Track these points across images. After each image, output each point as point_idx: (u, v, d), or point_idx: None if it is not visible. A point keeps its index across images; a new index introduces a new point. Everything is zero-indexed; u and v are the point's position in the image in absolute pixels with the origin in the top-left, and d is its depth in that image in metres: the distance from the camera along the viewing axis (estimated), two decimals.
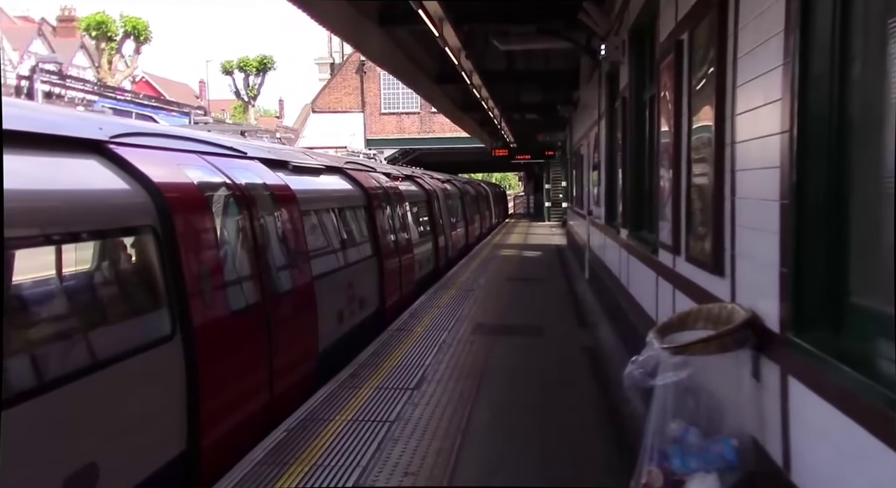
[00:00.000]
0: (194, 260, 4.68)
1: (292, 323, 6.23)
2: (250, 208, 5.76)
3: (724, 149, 3.69)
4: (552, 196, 34.37)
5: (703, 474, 2.90)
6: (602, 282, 10.10)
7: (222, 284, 5.01)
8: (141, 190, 4.39)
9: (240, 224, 5.56)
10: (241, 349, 5.20)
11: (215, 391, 4.65)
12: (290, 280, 6.27)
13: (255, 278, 5.57)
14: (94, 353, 3.79)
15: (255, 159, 6.67)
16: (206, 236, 4.97)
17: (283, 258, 6.23)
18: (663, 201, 5.36)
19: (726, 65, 3.65)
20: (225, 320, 4.94)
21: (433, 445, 4.82)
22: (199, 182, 5.12)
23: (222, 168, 5.67)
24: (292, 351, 6.14)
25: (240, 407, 5.12)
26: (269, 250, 5.96)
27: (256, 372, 5.42)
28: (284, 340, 5.91)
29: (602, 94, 9.99)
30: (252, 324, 5.39)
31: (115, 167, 4.37)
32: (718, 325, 3.20)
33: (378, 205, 10.35)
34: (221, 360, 4.80)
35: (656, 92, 5.77)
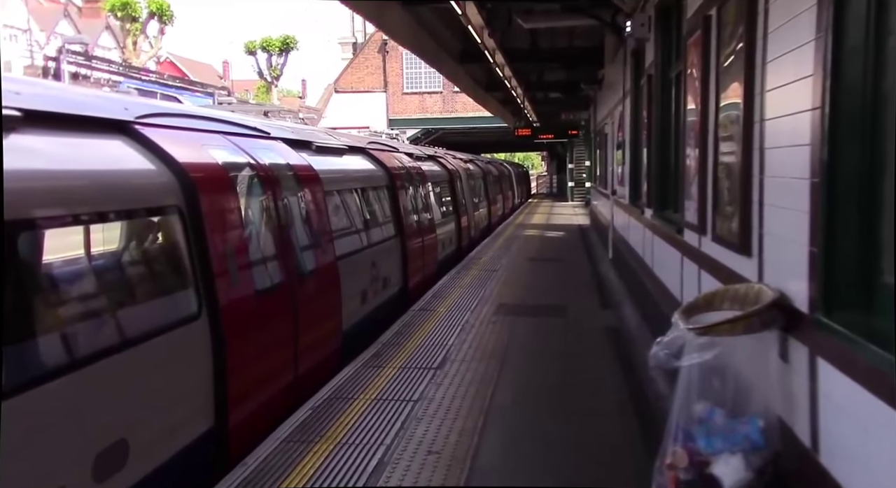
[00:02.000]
0: (219, 240, 4.69)
1: (316, 302, 6.24)
2: (274, 188, 5.77)
3: (752, 126, 3.62)
4: (575, 176, 34.12)
5: (729, 454, 2.88)
6: (626, 263, 10.04)
7: (247, 264, 5.03)
8: (166, 170, 4.40)
9: (264, 204, 5.57)
10: (267, 328, 5.22)
11: (242, 369, 4.70)
12: (313, 260, 6.28)
13: (280, 258, 5.59)
14: (123, 332, 3.82)
15: (278, 139, 6.67)
16: (231, 216, 4.99)
17: (306, 238, 6.24)
18: (689, 180, 5.29)
19: (756, 40, 3.57)
20: (250, 299, 4.97)
21: (456, 425, 4.84)
22: (223, 162, 5.13)
23: (246, 148, 5.68)
24: (316, 330, 6.17)
25: (266, 386, 5.16)
26: (292, 230, 5.96)
27: (282, 350, 5.47)
28: (309, 320, 5.93)
29: (627, 72, 9.85)
30: (277, 303, 5.42)
31: (140, 147, 4.38)
32: (745, 306, 3.16)
33: (401, 185, 10.33)
34: (247, 339, 4.83)
35: (683, 69, 5.67)
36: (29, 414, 3.04)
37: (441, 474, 4.09)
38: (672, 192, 6.61)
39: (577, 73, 16.65)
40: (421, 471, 4.12)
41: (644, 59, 8.31)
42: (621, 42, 9.95)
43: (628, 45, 9.04)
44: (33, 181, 3.41)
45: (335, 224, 7.28)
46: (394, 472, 4.11)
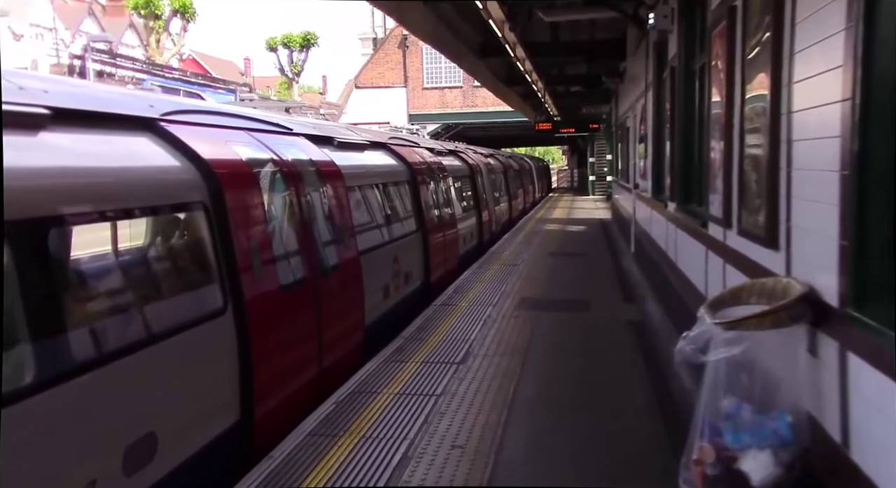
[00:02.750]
0: (244, 235, 4.74)
1: (339, 297, 6.28)
2: (297, 184, 5.80)
3: (779, 118, 3.57)
4: (596, 169, 33.92)
5: (757, 450, 2.85)
6: (648, 257, 9.97)
7: (271, 259, 5.08)
8: (191, 166, 4.44)
9: (287, 200, 5.60)
10: (291, 323, 5.26)
11: (266, 363, 4.74)
12: (336, 255, 6.32)
13: (303, 253, 5.63)
14: (151, 327, 3.89)
15: (300, 135, 6.72)
16: (255, 212, 5.03)
17: (329, 233, 6.28)
18: (714, 173, 5.24)
19: (783, 31, 3.52)
20: (275, 294, 5.01)
21: (480, 419, 4.85)
22: (247, 158, 5.17)
23: (269, 144, 5.71)
24: (340, 325, 6.21)
25: (290, 380, 5.21)
26: (315, 226, 6.00)
27: (305, 345, 5.52)
28: (332, 314, 5.98)
29: (649, 65, 9.76)
30: (300, 298, 5.46)
31: (165, 144, 4.42)
32: (773, 300, 3.13)
33: (422, 180, 10.35)
34: (272, 334, 4.87)
35: (707, 61, 5.61)
36: (61, 409, 3.09)
37: (465, 468, 4.10)
38: (696, 186, 6.54)
39: (599, 66, 16.52)
40: (445, 466, 4.13)
41: (667, 52, 8.23)
42: (644, 34, 9.86)
43: (651, 37, 8.96)
44: (61, 178, 3.47)
45: (357, 219, 7.33)
46: (418, 466, 4.13)
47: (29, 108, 3.39)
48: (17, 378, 2.96)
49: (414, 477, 4.00)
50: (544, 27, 12.90)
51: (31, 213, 3.12)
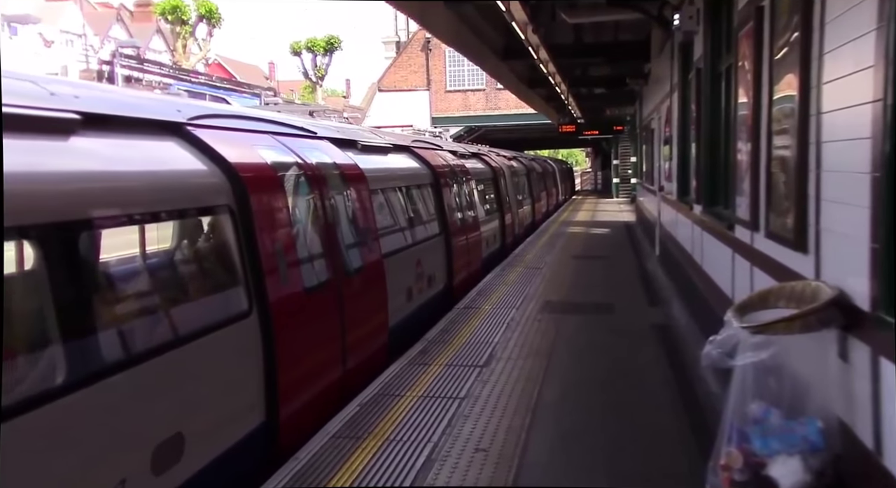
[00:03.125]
0: (269, 238, 4.76)
1: (363, 299, 6.32)
2: (321, 187, 5.85)
3: (808, 119, 3.52)
4: (620, 172, 33.71)
5: (786, 456, 2.81)
6: (674, 260, 9.88)
7: (296, 262, 5.11)
8: (217, 170, 4.49)
9: (311, 203, 5.64)
10: (315, 325, 5.29)
11: (292, 366, 4.77)
12: (360, 258, 6.36)
13: (327, 256, 5.67)
14: (178, 329, 3.94)
15: (324, 139, 6.76)
16: (280, 215, 5.06)
17: (353, 236, 6.33)
18: (741, 175, 5.18)
19: (812, 31, 3.47)
20: (299, 297, 5.04)
21: (503, 422, 4.84)
22: (272, 162, 5.20)
23: (294, 148, 5.75)
24: (364, 327, 6.25)
25: (315, 382, 5.25)
26: (339, 229, 6.05)
27: (330, 347, 5.55)
28: (356, 317, 6.02)
29: (674, 66, 9.68)
30: (325, 301, 5.49)
31: (192, 148, 4.47)
32: (802, 304, 3.08)
33: (445, 183, 10.38)
34: (297, 336, 4.89)
35: (734, 62, 5.55)
36: (93, 408, 3.15)
37: (489, 471, 4.09)
38: (722, 188, 6.47)
39: (623, 67, 16.42)
40: (469, 469, 4.13)
41: (692, 53, 8.16)
42: (668, 35, 9.79)
43: (676, 38, 8.88)
44: (91, 182, 3.52)
45: (381, 222, 7.37)
46: (442, 469, 4.13)
47: (60, 114, 3.47)
48: (51, 378, 3.01)
49: (438, 479, 4.00)
50: (567, 29, 12.85)
51: (62, 217, 3.18)
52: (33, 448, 2.84)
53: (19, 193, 2.86)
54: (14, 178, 2.81)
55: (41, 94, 3.57)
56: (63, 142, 3.45)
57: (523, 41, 11.42)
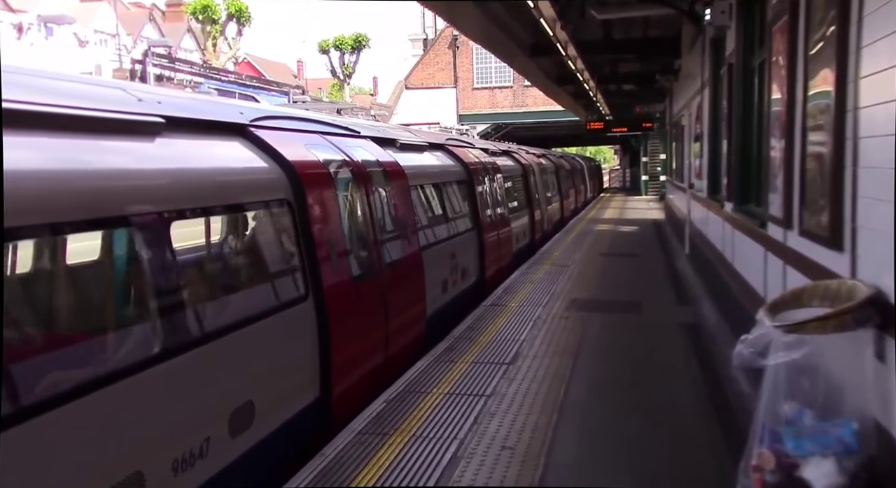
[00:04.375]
0: (322, 230, 5.15)
1: (404, 289, 6.66)
2: (366, 183, 6.22)
3: (844, 115, 3.44)
4: (649, 169, 33.38)
5: (820, 458, 2.75)
6: (704, 258, 9.75)
7: (345, 252, 5.50)
8: (277, 167, 4.87)
9: (358, 198, 6.00)
10: (362, 312, 5.65)
11: (343, 347, 5.14)
12: (400, 250, 6.73)
13: (371, 247, 6.06)
14: (247, 309, 4.36)
15: (367, 138, 7.12)
16: (332, 209, 5.45)
17: (394, 229, 6.70)
18: (774, 172, 5.09)
19: (849, 25, 3.39)
20: (348, 284, 5.43)
21: (530, 420, 4.82)
22: (323, 159, 5.58)
23: (341, 147, 6.11)
24: (404, 314, 6.57)
25: (362, 364, 5.60)
26: (383, 222, 6.42)
27: (374, 333, 5.89)
28: (397, 305, 6.36)
29: (706, 62, 9.55)
30: (371, 288, 5.84)
31: (254, 148, 4.87)
32: (836, 303, 3.01)
33: (478, 179, 10.63)
34: (346, 321, 5.25)
35: (767, 57, 5.45)
36: (184, 375, 3.56)
37: (515, 470, 4.07)
38: (754, 185, 6.37)
39: (652, 64, 16.25)
40: (495, 467, 4.11)
41: (724, 48, 8.04)
42: (700, 31, 9.65)
43: (707, 33, 8.76)
44: (174, 179, 3.94)
45: (418, 217, 7.73)
46: (468, 467, 4.12)
47: (148, 118, 3.87)
48: (153, 346, 3.44)
49: (464, 477, 4.00)
50: (596, 25, 12.74)
51: (153, 209, 3.61)
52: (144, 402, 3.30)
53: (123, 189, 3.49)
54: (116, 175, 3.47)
55: (130, 100, 3.96)
56: (150, 142, 3.85)
57: (551, 38, 11.34)
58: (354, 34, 39.32)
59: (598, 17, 10.96)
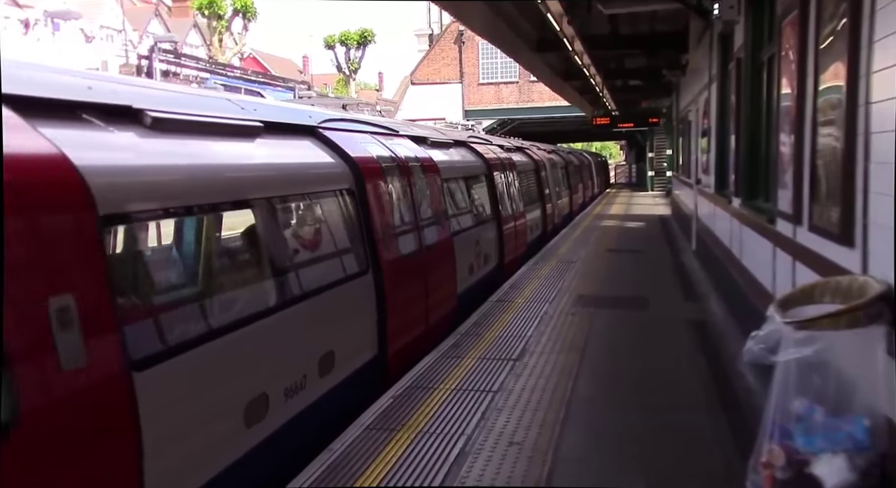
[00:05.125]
0: (378, 215, 6.08)
1: (439, 269, 7.56)
2: (408, 176, 7.13)
3: (856, 110, 3.41)
4: (656, 165, 33.26)
5: (831, 454, 2.73)
6: (711, 254, 9.72)
7: (395, 234, 6.40)
8: (342, 162, 5.80)
9: (402, 188, 6.88)
10: (409, 285, 6.58)
11: (395, 314, 6.05)
12: (436, 234, 7.62)
13: (414, 231, 6.96)
14: (328, 277, 5.22)
15: (404, 136, 8.03)
16: (384, 197, 6.36)
17: (431, 216, 7.59)
18: (783, 168, 5.06)
19: (861, 19, 3.36)
20: (399, 261, 6.32)
21: (537, 416, 4.81)
22: (376, 155, 6.50)
23: (386, 144, 7.05)
24: (440, 291, 7.48)
25: (410, 329, 6.52)
26: (422, 209, 7.35)
27: (418, 304, 6.79)
28: (434, 281, 7.29)
29: (713, 57, 9.51)
30: (415, 266, 6.76)
31: (324, 145, 5.78)
32: (848, 299, 2.99)
33: (497, 174, 11.52)
34: (398, 292, 6.17)
35: (777, 51, 5.42)
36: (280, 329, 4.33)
37: (523, 465, 4.07)
38: (763, 181, 6.34)
39: (659, 59, 16.16)
40: (503, 462, 4.11)
41: (732, 43, 8.00)
42: (707, 25, 9.61)
43: (715, 28, 8.72)
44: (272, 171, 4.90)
45: (448, 206, 8.64)
46: (475, 462, 4.12)
47: (251, 123, 4.76)
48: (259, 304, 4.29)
49: (471, 473, 4.00)
50: (603, 20, 12.67)
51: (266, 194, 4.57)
52: (270, 340, 4.20)
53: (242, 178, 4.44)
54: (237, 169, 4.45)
55: (235, 108, 4.93)
56: (251, 142, 4.74)
57: (558, 33, 11.29)
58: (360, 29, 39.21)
59: (605, 11, 10.91)
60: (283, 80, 29.52)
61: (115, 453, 2.95)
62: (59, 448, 2.68)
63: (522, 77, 35.53)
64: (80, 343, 2.77)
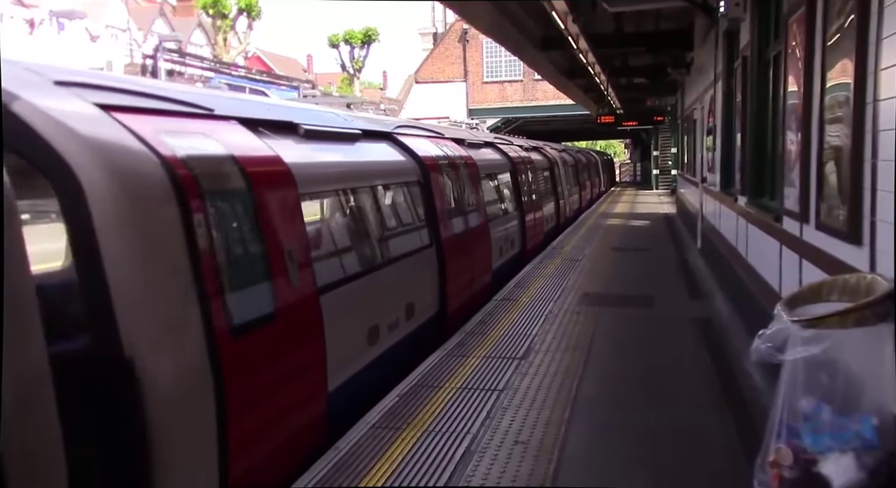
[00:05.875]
0: (439, 201, 7.71)
1: (480, 247, 9.15)
2: (456, 171, 8.73)
3: (864, 107, 3.40)
4: (660, 163, 33.19)
5: (839, 453, 2.72)
6: (716, 252, 9.70)
7: (450, 216, 8.02)
8: (413, 160, 7.42)
9: (453, 180, 8.49)
10: (461, 259, 8.11)
11: (452, 281, 7.62)
12: (476, 220, 9.19)
13: (462, 216, 8.54)
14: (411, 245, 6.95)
15: (449, 139, 9.66)
16: (444, 188, 8.03)
17: (472, 204, 9.16)
18: (790, 166, 5.04)
19: (869, 16, 3.34)
20: (454, 239, 7.95)
21: (542, 415, 4.80)
22: (434, 154, 8.14)
23: (438, 145, 8.72)
24: (480, 266, 9.07)
25: (462, 294, 8.01)
26: (466, 199, 8.94)
27: (466, 274, 8.30)
28: (476, 258, 8.90)
29: (719, 55, 9.48)
30: (464, 244, 8.36)
31: (398, 147, 7.36)
32: (856, 297, 2.97)
33: (519, 171, 13.02)
34: (452, 264, 7.68)
35: (783, 49, 5.40)
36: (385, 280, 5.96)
37: (529, 464, 4.06)
38: (769, 179, 6.32)
39: (664, 57, 16.10)
40: (508, 461, 4.11)
41: (738, 41, 7.97)
42: (713, 23, 9.57)
43: (721, 25, 8.68)
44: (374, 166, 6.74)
45: (484, 198, 10.15)
46: (481, 461, 4.11)
47: (354, 131, 6.45)
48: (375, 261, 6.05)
49: (477, 471, 3.99)
50: (608, 18, 12.65)
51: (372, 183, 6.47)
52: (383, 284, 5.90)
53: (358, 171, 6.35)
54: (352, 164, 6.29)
55: (339, 119, 6.64)
56: (352, 146, 6.39)
57: (563, 31, 11.28)
58: (364, 28, 39.17)
59: (610, 9, 10.87)
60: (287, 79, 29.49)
61: (313, 349, 4.50)
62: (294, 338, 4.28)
63: (527, 75, 35.50)
64: (295, 271, 4.31)
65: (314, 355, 4.48)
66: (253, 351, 3.73)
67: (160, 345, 3.05)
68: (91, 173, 2.91)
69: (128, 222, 3.00)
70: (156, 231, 3.18)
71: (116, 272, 2.91)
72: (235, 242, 3.94)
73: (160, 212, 3.23)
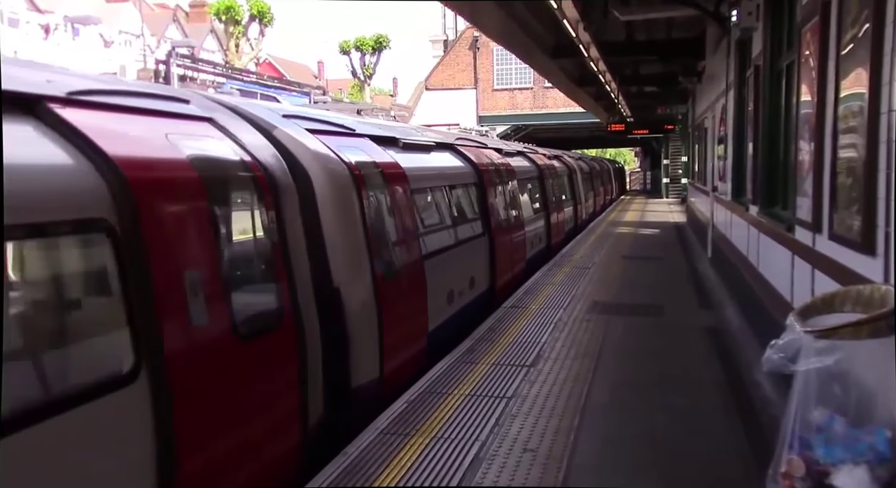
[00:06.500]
0: (492, 200, 9.80)
1: (518, 239, 11.14)
2: (500, 175, 10.68)
3: (879, 117, 3.38)
4: (671, 172, 33.09)
5: (852, 465, 2.70)
6: (727, 261, 9.65)
7: (498, 212, 10.03)
8: (470, 165, 9.45)
9: (500, 182, 10.56)
10: (506, 246, 10.11)
11: (499, 264, 9.63)
12: (513, 216, 11.01)
13: (505, 212, 10.46)
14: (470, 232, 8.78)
15: (491, 149, 11.61)
16: (496, 190, 10.16)
17: (511, 203, 10.94)
18: (802, 176, 5.02)
19: (884, 26, 3.33)
20: (501, 230, 9.98)
21: (551, 423, 4.79)
22: (486, 161, 10.28)
23: (486, 153, 10.76)
24: (517, 254, 11.01)
25: (505, 274, 10.00)
26: (508, 198, 10.78)
27: (507, 260, 10.21)
28: (517, 247, 11.00)
29: (731, 64, 9.46)
30: (507, 235, 10.36)
31: (457, 155, 9.49)
32: (870, 308, 2.95)
33: (546, 176, 15.03)
34: (500, 251, 9.65)
35: (796, 58, 5.38)
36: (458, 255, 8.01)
37: (538, 472, 4.05)
38: (781, 188, 6.29)
39: (675, 65, 16.11)
40: (517, 469, 4.09)
41: (750, 50, 7.95)
42: (725, 32, 9.56)
43: (733, 34, 8.67)
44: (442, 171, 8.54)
45: (518, 198, 11.93)
46: (490, 468, 4.10)
47: (431, 142, 8.44)
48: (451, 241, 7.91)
49: (486, 479, 3.98)
50: (619, 26, 12.66)
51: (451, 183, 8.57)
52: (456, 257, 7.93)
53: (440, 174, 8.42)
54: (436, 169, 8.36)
55: (417, 134, 8.65)
56: (431, 155, 8.44)
57: (574, 39, 11.27)
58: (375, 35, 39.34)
59: (621, 18, 10.88)
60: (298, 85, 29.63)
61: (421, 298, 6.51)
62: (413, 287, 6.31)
63: (537, 83, 35.54)
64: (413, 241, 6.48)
65: (422, 302, 6.47)
66: (393, 291, 5.67)
67: (352, 280, 5.05)
68: (316, 172, 4.95)
69: (332, 200, 4.99)
70: (347, 208, 5.17)
71: (329, 232, 4.91)
72: (382, 219, 5.83)
73: (349, 196, 5.24)
